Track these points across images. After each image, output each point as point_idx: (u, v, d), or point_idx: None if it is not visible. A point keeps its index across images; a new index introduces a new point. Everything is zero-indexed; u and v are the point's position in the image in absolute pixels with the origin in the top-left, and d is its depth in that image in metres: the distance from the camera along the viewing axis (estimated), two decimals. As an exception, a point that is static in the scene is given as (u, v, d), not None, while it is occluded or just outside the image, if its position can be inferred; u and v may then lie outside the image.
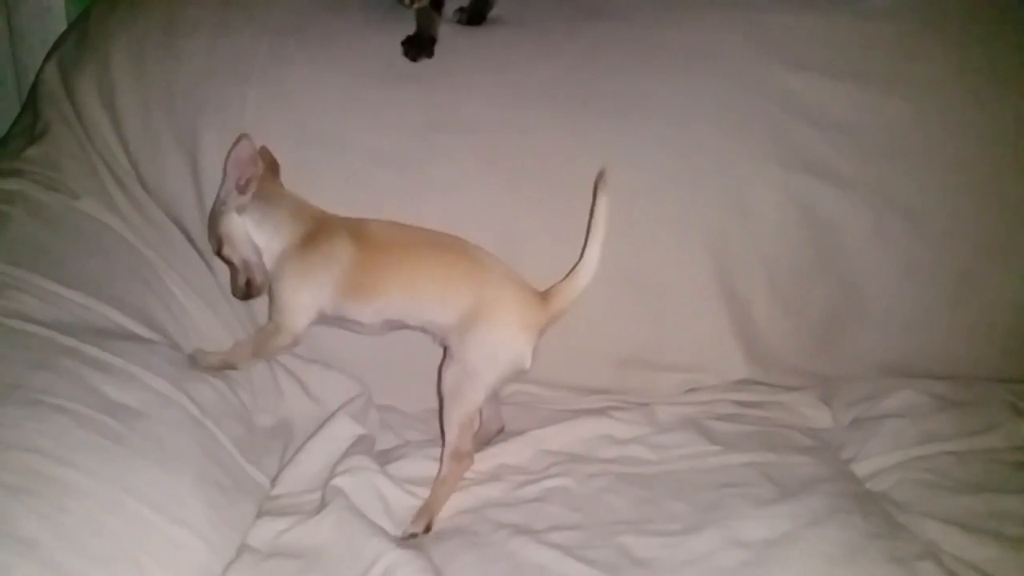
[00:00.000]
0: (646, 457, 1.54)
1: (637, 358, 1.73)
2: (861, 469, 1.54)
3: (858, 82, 1.71)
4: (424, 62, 1.70)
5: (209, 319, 1.66)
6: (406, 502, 1.43)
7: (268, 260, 1.54)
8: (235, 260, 1.57)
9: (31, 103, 1.79)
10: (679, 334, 1.73)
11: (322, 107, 1.67)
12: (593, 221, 1.50)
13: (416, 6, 1.64)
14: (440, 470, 1.44)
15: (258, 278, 1.57)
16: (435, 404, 1.55)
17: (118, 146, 1.69)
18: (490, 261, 1.53)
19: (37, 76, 1.79)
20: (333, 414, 1.59)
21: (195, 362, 1.50)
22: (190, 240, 1.71)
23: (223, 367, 1.53)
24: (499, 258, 1.54)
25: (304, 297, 1.52)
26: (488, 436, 1.59)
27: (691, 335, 1.74)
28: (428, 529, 1.37)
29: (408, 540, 1.35)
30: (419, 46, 1.70)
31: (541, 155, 1.68)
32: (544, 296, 1.51)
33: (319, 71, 1.68)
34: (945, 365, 1.76)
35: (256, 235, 1.54)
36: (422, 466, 1.51)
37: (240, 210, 1.52)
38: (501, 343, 1.47)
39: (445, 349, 1.52)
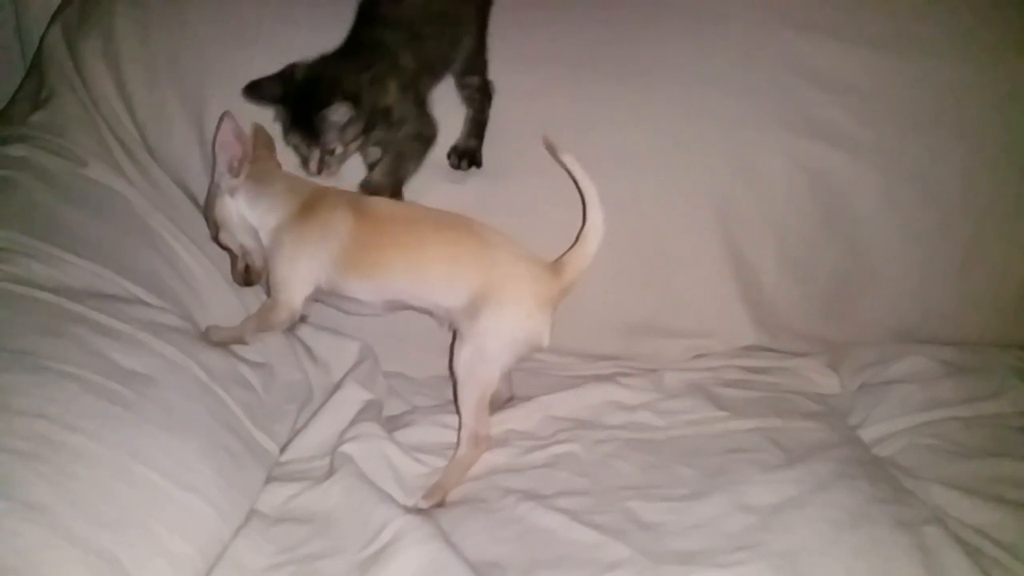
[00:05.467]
0: (654, 423, 1.55)
1: (645, 324, 1.73)
2: (868, 434, 1.55)
3: (868, 46, 1.69)
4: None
5: (218, 283, 1.67)
6: (415, 469, 1.44)
7: (264, 236, 1.54)
8: (232, 246, 1.58)
9: (35, 68, 1.78)
10: (687, 300, 1.73)
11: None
12: (580, 185, 1.50)
13: (324, 174, 1.51)
14: (457, 450, 1.44)
15: (257, 263, 1.58)
16: (442, 371, 1.57)
17: (124, 112, 1.69)
18: (497, 239, 1.50)
19: (41, 41, 1.78)
20: (341, 380, 1.60)
21: (208, 337, 1.51)
22: (197, 206, 1.70)
23: (233, 341, 1.53)
24: (506, 234, 1.52)
25: (301, 269, 1.51)
26: (497, 404, 1.58)
27: (699, 301, 1.74)
28: (440, 505, 1.37)
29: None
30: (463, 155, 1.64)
31: (547, 121, 1.66)
32: (555, 268, 1.50)
33: (325, 35, 1.66)
34: (953, 331, 1.76)
35: (249, 215, 1.53)
36: (430, 432, 1.52)
37: (232, 192, 1.52)
38: (518, 324, 1.46)
39: (455, 331, 1.51)
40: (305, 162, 1.50)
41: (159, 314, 1.44)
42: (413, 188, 1.60)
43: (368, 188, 1.54)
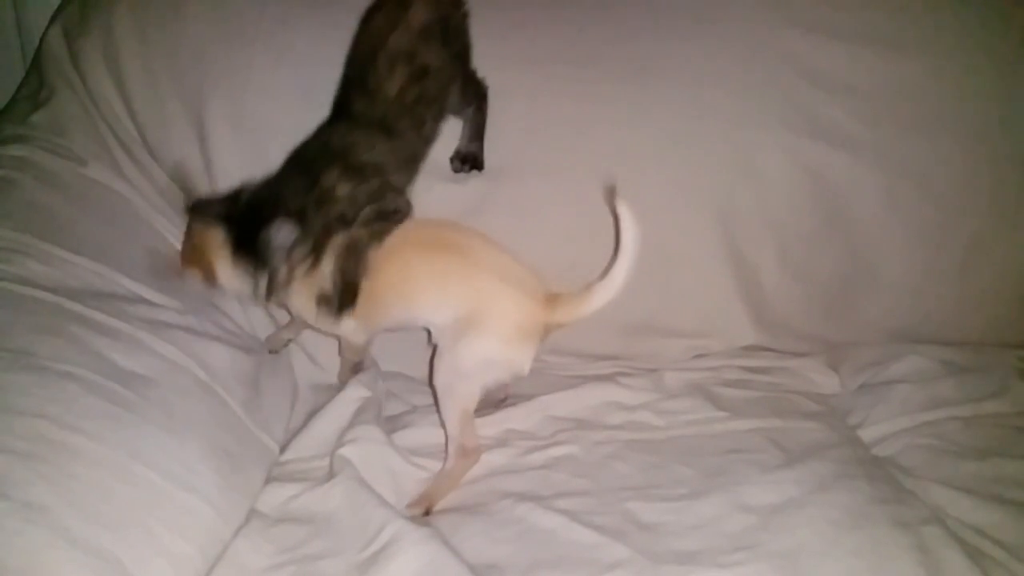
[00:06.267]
0: (653, 423, 1.55)
1: (645, 324, 1.73)
2: (868, 434, 1.54)
3: (869, 45, 1.69)
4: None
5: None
6: (413, 474, 1.44)
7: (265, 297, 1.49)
8: None
9: (35, 68, 1.78)
10: (687, 300, 1.73)
11: (328, 73, 1.65)
12: (623, 238, 1.42)
13: (274, 303, 1.45)
14: (445, 463, 1.43)
15: None
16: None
17: (124, 112, 1.69)
18: (488, 256, 1.47)
19: (41, 41, 1.77)
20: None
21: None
22: (197, 205, 1.71)
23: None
24: (499, 247, 1.50)
25: (326, 325, 1.51)
26: (492, 403, 1.58)
27: (699, 301, 1.74)
28: (426, 514, 1.36)
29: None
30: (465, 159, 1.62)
31: (549, 120, 1.67)
32: (551, 300, 1.45)
33: (325, 36, 1.66)
34: (953, 331, 1.76)
35: (243, 289, 1.47)
36: (429, 434, 1.51)
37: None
38: (496, 351, 1.43)
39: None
40: (253, 289, 1.41)
41: (159, 312, 1.44)
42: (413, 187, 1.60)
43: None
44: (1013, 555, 1.24)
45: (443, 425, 1.45)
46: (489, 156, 1.65)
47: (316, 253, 1.42)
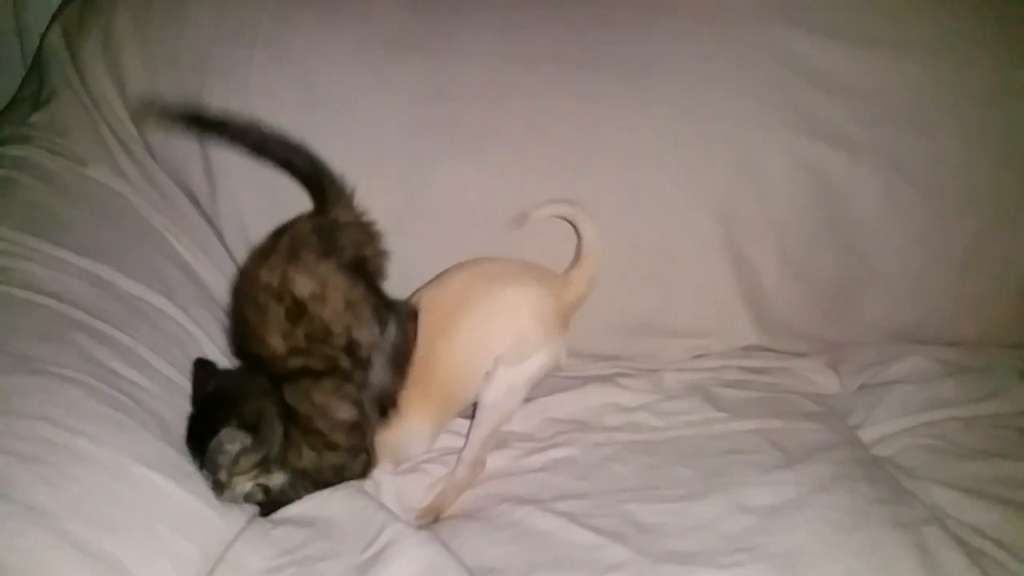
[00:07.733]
0: (653, 424, 1.54)
1: (645, 324, 1.73)
2: (868, 435, 1.54)
3: (869, 46, 1.69)
4: (430, 27, 1.68)
5: (221, 284, 1.66)
6: (414, 479, 1.44)
7: None
8: None
9: (36, 69, 1.78)
10: (687, 300, 1.72)
11: (328, 72, 1.66)
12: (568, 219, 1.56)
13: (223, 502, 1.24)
14: (455, 472, 1.43)
15: None
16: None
17: (124, 112, 1.68)
18: (497, 278, 1.50)
19: (41, 41, 1.77)
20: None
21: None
22: (198, 206, 1.70)
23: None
24: (492, 263, 1.53)
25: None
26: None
27: (699, 301, 1.73)
28: (434, 522, 1.36)
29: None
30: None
31: (549, 121, 1.66)
32: (565, 280, 1.54)
33: (325, 35, 1.67)
34: (953, 331, 1.76)
35: None
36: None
37: None
38: (547, 359, 1.48)
39: None
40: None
41: (160, 319, 1.44)
42: (412, 185, 1.60)
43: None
44: (1013, 555, 1.24)
45: (467, 434, 1.45)
46: (490, 155, 1.65)
47: (265, 467, 1.29)
